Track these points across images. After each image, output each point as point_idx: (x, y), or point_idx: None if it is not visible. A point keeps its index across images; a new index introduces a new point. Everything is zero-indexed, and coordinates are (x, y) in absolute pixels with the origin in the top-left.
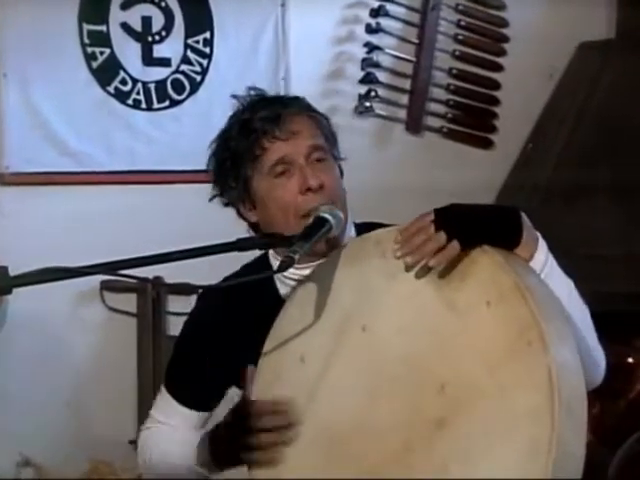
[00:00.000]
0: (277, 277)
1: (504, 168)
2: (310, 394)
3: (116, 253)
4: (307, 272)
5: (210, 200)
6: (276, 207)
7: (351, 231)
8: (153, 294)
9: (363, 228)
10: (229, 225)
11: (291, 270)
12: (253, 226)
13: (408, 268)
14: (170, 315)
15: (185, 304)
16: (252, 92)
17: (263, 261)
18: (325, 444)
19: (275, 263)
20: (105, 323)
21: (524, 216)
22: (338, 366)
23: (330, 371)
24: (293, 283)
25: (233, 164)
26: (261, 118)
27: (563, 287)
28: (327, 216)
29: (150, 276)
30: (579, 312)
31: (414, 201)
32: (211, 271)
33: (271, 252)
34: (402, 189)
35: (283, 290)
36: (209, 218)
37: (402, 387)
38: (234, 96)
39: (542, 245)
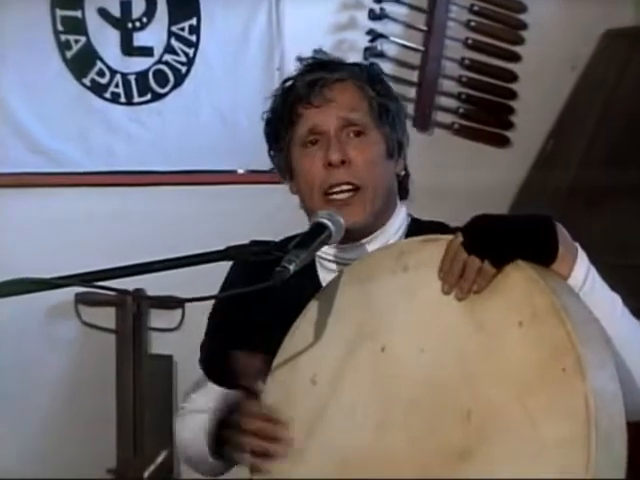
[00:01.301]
0: (318, 260)
1: (522, 168)
2: (321, 418)
3: (93, 262)
4: (350, 255)
5: (270, 171)
6: (303, 179)
7: (398, 222)
8: (134, 308)
9: (424, 227)
10: (219, 231)
11: (331, 252)
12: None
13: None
14: (152, 331)
15: (169, 319)
16: (317, 55)
17: None
18: (335, 470)
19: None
20: (80, 340)
21: (560, 227)
22: (352, 388)
23: (343, 394)
24: (334, 267)
25: (274, 128)
26: (302, 82)
27: (606, 304)
28: (325, 222)
29: (130, 288)
30: (628, 331)
31: (422, 204)
32: (199, 283)
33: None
34: (410, 191)
35: (322, 274)
36: (196, 223)
37: (422, 412)
38: (299, 58)
39: (582, 258)
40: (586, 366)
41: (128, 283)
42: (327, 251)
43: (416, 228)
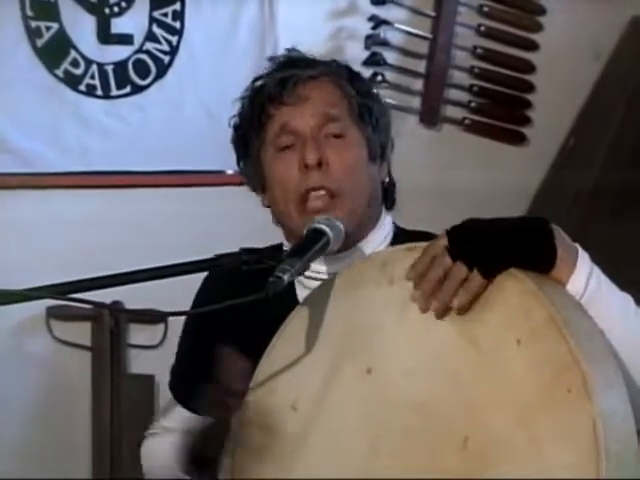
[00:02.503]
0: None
1: (540, 169)
2: (304, 447)
3: (66, 272)
4: (330, 270)
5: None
6: (277, 186)
7: (382, 233)
8: (111, 323)
9: (411, 237)
10: (206, 237)
11: (312, 267)
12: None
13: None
14: (132, 348)
15: (150, 335)
16: (289, 53)
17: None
18: None
19: None
20: (52, 358)
21: (557, 228)
22: (336, 416)
23: (326, 421)
24: (313, 284)
25: (243, 133)
26: (273, 81)
27: (617, 306)
28: (323, 228)
29: (108, 301)
30: None
31: (429, 207)
32: (183, 295)
33: (285, 244)
34: (415, 192)
35: (300, 292)
36: (181, 229)
37: (414, 441)
38: (270, 58)
39: (582, 260)
40: (592, 386)
41: (105, 295)
42: None
43: (403, 239)
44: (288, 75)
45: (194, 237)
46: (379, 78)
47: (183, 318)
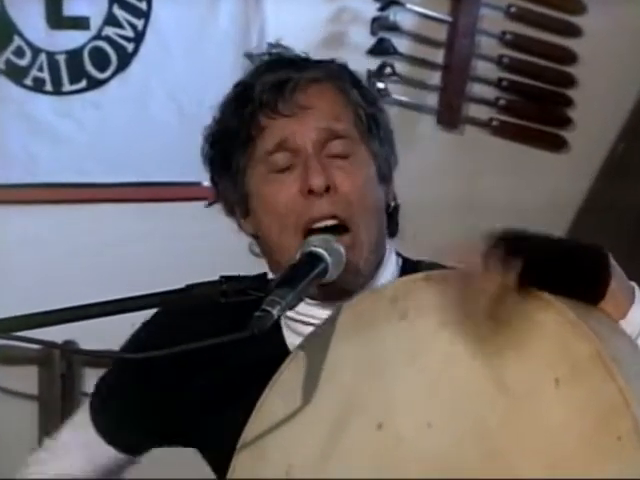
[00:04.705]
0: (283, 319)
1: (584, 179)
2: None
3: (9, 306)
4: (327, 313)
5: (208, 205)
6: (270, 214)
7: (390, 267)
8: (62, 367)
9: (420, 268)
10: (178, 262)
11: (303, 310)
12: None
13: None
14: (87, 397)
15: None
16: (274, 50)
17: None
18: None
19: None
20: None
21: (614, 262)
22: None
23: None
24: (307, 329)
25: (223, 148)
26: (264, 85)
27: None
28: (320, 252)
29: (59, 340)
30: None
31: (450, 221)
32: None
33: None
34: (432, 207)
35: (290, 337)
36: (148, 252)
37: None
38: (248, 55)
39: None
40: None
41: (55, 333)
42: (297, 309)
43: (411, 271)
44: (284, 78)
45: (165, 262)
46: (388, 70)
47: None
